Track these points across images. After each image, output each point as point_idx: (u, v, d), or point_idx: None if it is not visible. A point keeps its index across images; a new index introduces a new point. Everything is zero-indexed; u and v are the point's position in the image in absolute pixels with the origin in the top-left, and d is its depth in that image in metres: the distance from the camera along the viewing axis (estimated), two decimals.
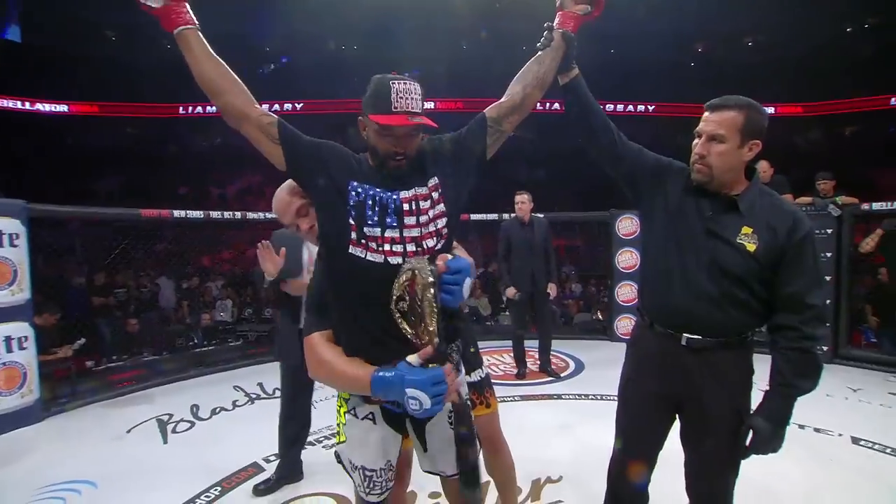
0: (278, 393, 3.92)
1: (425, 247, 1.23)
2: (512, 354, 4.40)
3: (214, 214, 4.45)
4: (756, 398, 1.43)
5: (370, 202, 1.21)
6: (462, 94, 14.87)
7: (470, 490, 1.23)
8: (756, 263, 1.33)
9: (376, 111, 1.17)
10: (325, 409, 3.60)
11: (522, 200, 4.17)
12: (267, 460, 2.76)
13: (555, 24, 1.40)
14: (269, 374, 4.42)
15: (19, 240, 3.35)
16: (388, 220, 1.21)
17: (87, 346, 4.80)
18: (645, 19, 12.97)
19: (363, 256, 1.20)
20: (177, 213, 4.16)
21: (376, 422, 1.30)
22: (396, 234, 1.21)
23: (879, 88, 14.23)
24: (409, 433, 1.35)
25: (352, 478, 1.36)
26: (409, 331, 1.12)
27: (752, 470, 1.43)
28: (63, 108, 15.16)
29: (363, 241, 1.20)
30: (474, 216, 5.72)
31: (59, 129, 14.86)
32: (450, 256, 1.17)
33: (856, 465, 2.63)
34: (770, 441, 1.35)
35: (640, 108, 15.82)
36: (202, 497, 2.42)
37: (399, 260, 1.19)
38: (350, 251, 1.20)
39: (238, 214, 4.61)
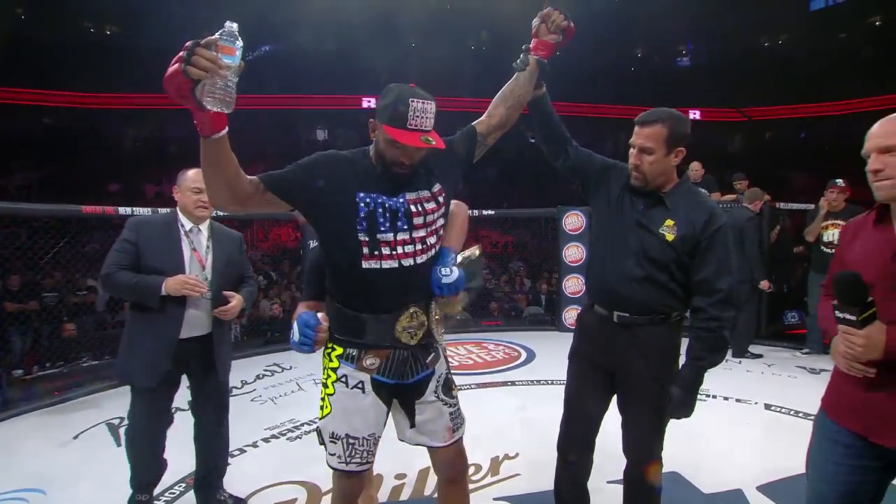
0: (235, 391, 3.92)
1: (428, 244, 1.37)
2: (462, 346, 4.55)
3: (164, 212, 4.20)
4: None
5: (380, 209, 1.31)
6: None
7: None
8: (673, 251, 1.55)
9: (392, 123, 1.24)
10: (284, 404, 3.61)
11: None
12: (231, 455, 2.74)
13: (531, 48, 1.55)
14: None
15: None
16: (399, 223, 1.32)
17: (13, 354, 4.44)
18: (588, 27, 13.62)
19: (378, 267, 1.31)
20: (122, 210, 3.92)
21: (365, 391, 1.38)
22: (407, 236, 1.33)
23: (792, 97, 15.78)
24: (397, 408, 1.46)
25: (330, 453, 1.41)
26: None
27: (681, 433, 1.64)
28: None
29: (376, 252, 1.30)
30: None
31: None
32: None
33: (767, 426, 3.08)
34: (682, 406, 1.55)
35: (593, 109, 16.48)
36: (167, 493, 2.39)
37: (411, 261, 1.33)
38: (364, 267, 1.31)
39: None
